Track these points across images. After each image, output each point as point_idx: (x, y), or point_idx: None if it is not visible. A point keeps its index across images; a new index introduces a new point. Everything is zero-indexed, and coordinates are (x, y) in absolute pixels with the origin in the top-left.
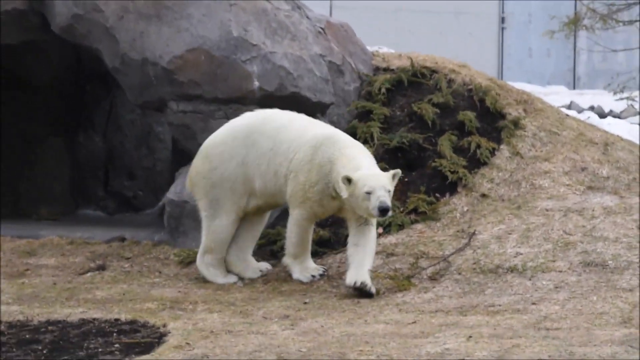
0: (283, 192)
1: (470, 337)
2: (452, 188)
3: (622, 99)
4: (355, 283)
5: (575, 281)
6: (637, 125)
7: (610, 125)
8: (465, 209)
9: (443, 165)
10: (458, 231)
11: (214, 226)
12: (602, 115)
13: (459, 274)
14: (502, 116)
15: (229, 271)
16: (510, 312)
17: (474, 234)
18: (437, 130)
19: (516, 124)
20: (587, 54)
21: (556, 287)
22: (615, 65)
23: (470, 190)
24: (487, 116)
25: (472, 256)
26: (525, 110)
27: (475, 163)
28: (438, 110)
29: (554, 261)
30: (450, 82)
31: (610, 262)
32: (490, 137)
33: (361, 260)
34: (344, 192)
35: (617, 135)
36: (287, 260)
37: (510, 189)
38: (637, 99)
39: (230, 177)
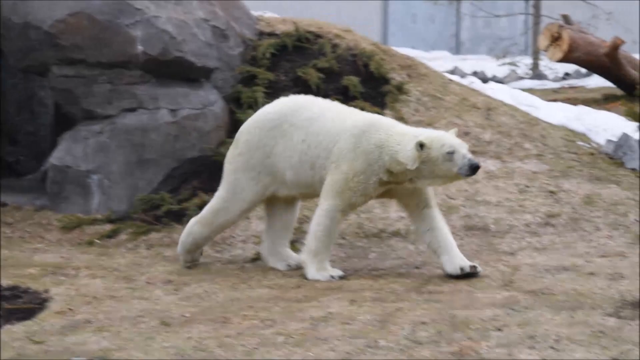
0: (321, 184)
1: (354, 300)
2: None
3: (504, 64)
4: (462, 270)
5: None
6: (520, 90)
7: (493, 90)
8: None
9: None
10: None
11: (222, 207)
12: (485, 80)
13: (343, 238)
14: (386, 81)
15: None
16: (393, 275)
17: None
18: (321, 95)
19: (400, 89)
20: (470, 20)
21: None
22: (498, 31)
23: None
24: (371, 81)
25: (356, 221)
26: (409, 76)
27: None
28: (322, 75)
29: None
30: (334, 47)
31: (492, 225)
32: (375, 102)
33: (447, 243)
34: (414, 163)
35: (500, 100)
36: (305, 256)
37: None
38: (520, 64)
39: (255, 167)
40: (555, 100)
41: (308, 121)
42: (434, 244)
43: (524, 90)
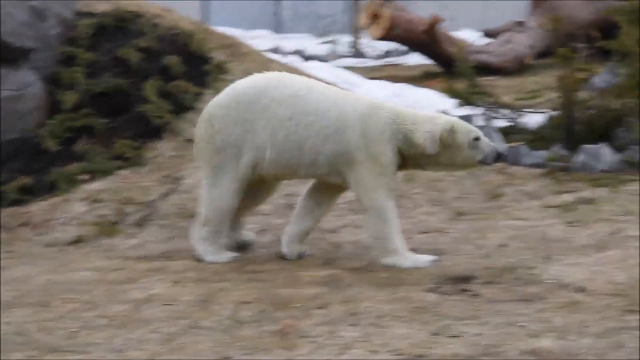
0: (309, 167)
1: (177, 282)
2: (157, 133)
3: (325, 42)
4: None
5: (280, 223)
6: (341, 68)
7: (314, 68)
8: (171, 153)
9: (148, 110)
10: (164, 176)
11: (215, 194)
12: (307, 58)
13: (165, 219)
14: (207, 60)
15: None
16: None
17: (179, 178)
18: (142, 75)
19: (221, 68)
20: None
21: (262, 230)
22: (318, 9)
23: (176, 135)
24: (192, 61)
25: (178, 201)
26: (230, 55)
27: (181, 108)
28: (143, 55)
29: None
30: (155, 26)
31: None
32: (196, 81)
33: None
34: (435, 147)
35: (321, 79)
36: (387, 261)
37: None
38: (340, 42)
39: (235, 143)
40: (376, 78)
41: (293, 98)
42: (306, 224)
43: (345, 68)
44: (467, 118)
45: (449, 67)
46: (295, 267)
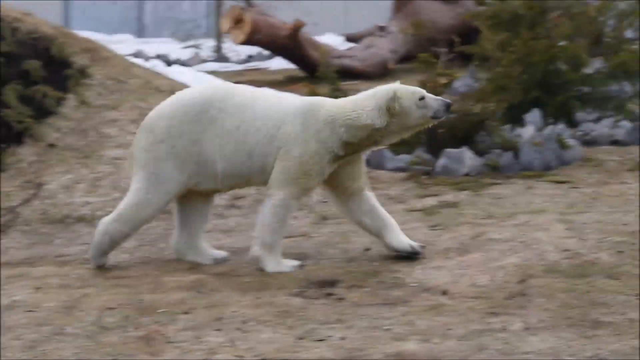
0: (261, 173)
1: (39, 288)
2: (18, 138)
3: (188, 47)
4: (412, 247)
5: (144, 229)
6: (203, 73)
7: (176, 73)
8: (33, 159)
9: (9, 115)
10: (25, 182)
11: (143, 200)
12: (169, 63)
13: (27, 225)
14: (68, 65)
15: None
16: (79, 261)
17: (41, 184)
18: (1, 80)
19: (83, 72)
20: (153, 3)
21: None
22: (180, 14)
23: (37, 140)
24: (52, 65)
25: (40, 207)
26: (92, 59)
27: (42, 112)
28: (2, 60)
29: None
30: (14, 30)
31: None
32: (57, 86)
33: (389, 223)
34: (383, 119)
35: (184, 83)
36: (260, 251)
37: (78, 138)
38: (203, 46)
39: (179, 155)
40: (239, 82)
41: (241, 107)
42: (374, 226)
43: (208, 72)
44: None
45: (312, 72)
46: (160, 273)
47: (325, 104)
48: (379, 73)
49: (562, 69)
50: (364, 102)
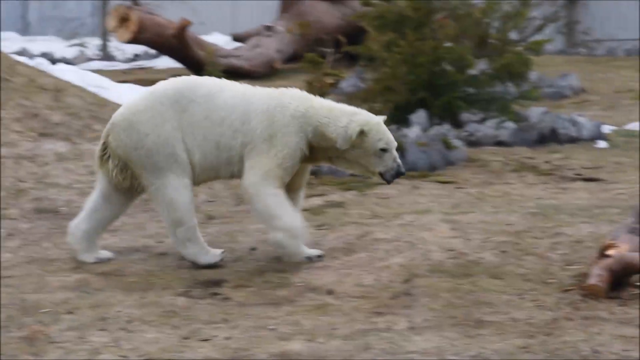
0: (227, 165)
1: None
2: None
3: (73, 45)
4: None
5: (28, 228)
6: (89, 72)
7: (61, 71)
8: None
9: None
10: None
11: (168, 195)
12: (54, 61)
13: None
14: None
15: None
16: None
17: None
18: None
19: None
20: (38, 1)
21: (9, 235)
22: (66, 12)
23: None
24: None
25: None
26: None
27: None
28: None
29: (6, 209)
30: None
31: (62, 208)
32: None
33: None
34: (347, 143)
35: (68, 82)
36: (277, 237)
37: None
38: (89, 45)
39: (168, 141)
40: (124, 82)
41: (207, 97)
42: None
43: (93, 71)
44: None
45: (198, 71)
46: (44, 272)
47: (294, 98)
48: (266, 73)
49: (447, 70)
50: (340, 116)
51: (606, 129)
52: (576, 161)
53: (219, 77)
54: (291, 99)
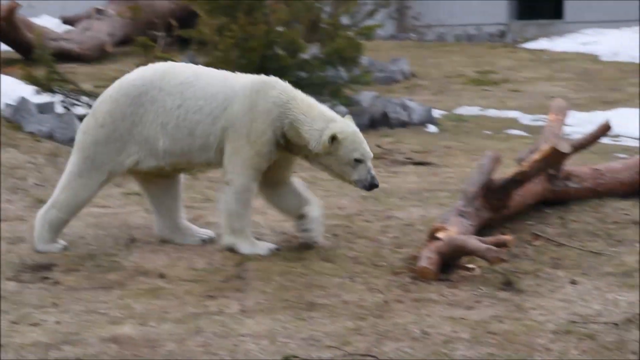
0: (202, 151)
1: None
2: None
3: None
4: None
5: None
6: None
7: None
8: None
9: None
10: None
11: (78, 183)
12: None
13: None
14: None
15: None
16: None
17: None
18: None
19: None
20: None
21: None
22: None
23: None
24: None
25: None
26: None
27: None
28: None
29: None
30: None
31: None
32: None
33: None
34: (319, 147)
35: None
36: (230, 238)
37: None
38: None
39: (119, 138)
40: None
41: (182, 86)
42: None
43: None
44: (47, 106)
45: (27, 54)
46: None
47: (276, 86)
48: (97, 56)
49: (279, 54)
50: (317, 118)
51: (436, 113)
52: (407, 145)
53: (49, 60)
54: (273, 86)
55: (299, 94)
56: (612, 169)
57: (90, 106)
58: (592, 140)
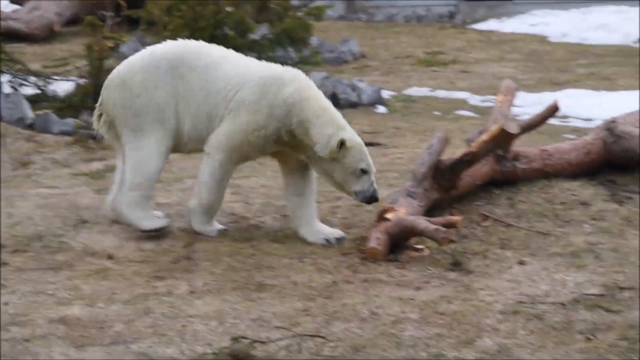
0: None
1: None
2: None
3: None
4: (327, 241)
5: None
6: None
7: None
8: None
9: None
10: None
11: (141, 157)
12: None
13: None
14: None
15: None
16: None
17: None
18: None
19: None
20: None
21: None
22: None
23: None
24: None
25: None
26: None
27: None
28: None
29: None
30: None
31: None
32: None
33: (311, 213)
34: (327, 152)
35: None
36: (194, 206)
37: None
38: None
39: (158, 107)
40: None
41: (207, 67)
42: (297, 210)
43: None
44: None
45: None
46: None
47: (293, 83)
48: (45, 36)
49: (228, 35)
50: (328, 123)
51: (385, 94)
52: (357, 126)
53: None
54: (288, 83)
55: (313, 93)
56: (560, 150)
57: (38, 87)
58: (540, 121)
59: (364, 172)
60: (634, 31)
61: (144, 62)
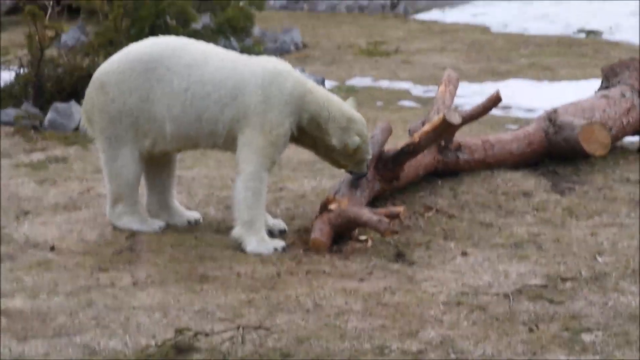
0: (209, 137)
1: None
2: None
3: None
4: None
5: None
6: None
7: None
8: None
9: None
10: None
11: (117, 168)
12: None
13: None
14: None
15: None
16: None
17: None
18: None
19: None
20: None
21: None
22: None
23: None
24: None
25: None
26: None
27: None
28: None
29: None
30: None
31: None
32: None
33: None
34: (339, 144)
35: None
36: (240, 230)
37: None
38: None
39: (131, 113)
40: None
41: (190, 68)
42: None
43: None
44: None
45: None
46: None
47: (290, 76)
48: None
49: (170, 24)
50: (339, 115)
51: (328, 84)
52: None
53: None
54: (287, 77)
55: (311, 84)
56: (502, 141)
57: None
58: (482, 111)
59: (365, 160)
60: (575, 21)
61: (120, 63)
